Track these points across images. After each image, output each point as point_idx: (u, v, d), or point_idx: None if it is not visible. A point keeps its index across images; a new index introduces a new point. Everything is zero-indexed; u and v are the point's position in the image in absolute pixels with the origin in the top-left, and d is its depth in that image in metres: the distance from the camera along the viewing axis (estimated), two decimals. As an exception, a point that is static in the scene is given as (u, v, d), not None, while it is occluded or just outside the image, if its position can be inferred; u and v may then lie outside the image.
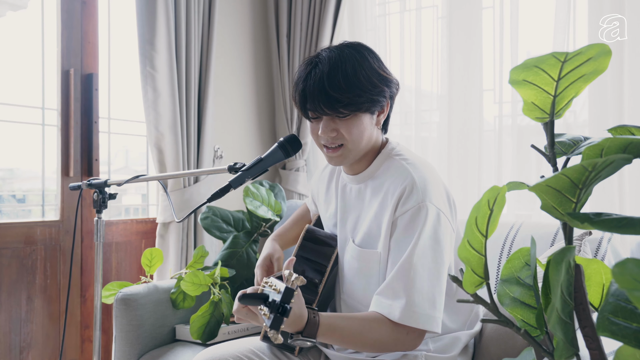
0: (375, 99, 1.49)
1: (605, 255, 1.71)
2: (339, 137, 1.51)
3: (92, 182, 1.94)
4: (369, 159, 1.60)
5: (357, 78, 1.46)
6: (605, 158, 0.64)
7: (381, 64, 1.54)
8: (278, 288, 1.19)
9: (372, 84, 1.47)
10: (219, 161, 2.96)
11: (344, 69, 1.46)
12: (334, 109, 1.46)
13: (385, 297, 1.43)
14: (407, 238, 1.44)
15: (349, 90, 1.45)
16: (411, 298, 1.39)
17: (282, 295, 1.14)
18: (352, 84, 1.45)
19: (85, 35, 2.63)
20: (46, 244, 2.48)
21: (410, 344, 1.44)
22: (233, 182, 1.59)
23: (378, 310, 1.43)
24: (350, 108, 1.46)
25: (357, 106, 1.46)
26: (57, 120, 2.57)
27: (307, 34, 3.15)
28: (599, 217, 0.65)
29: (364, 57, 1.50)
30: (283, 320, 1.12)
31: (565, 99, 0.78)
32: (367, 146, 1.56)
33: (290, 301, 1.13)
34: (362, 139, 1.52)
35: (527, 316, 0.82)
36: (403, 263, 1.42)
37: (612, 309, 0.62)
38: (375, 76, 1.49)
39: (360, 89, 1.45)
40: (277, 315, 1.13)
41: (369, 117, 1.52)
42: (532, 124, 2.60)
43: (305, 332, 1.33)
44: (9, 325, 2.38)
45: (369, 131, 1.53)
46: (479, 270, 0.82)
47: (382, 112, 1.55)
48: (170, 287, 2.33)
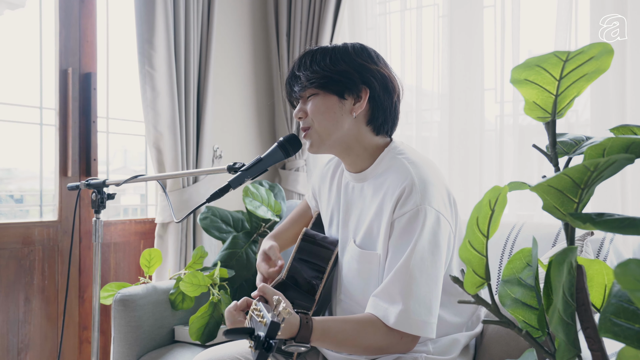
0: (336, 78, 1.51)
1: (608, 255, 1.70)
2: (307, 120, 1.57)
3: (90, 182, 1.93)
4: (368, 158, 1.59)
5: (321, 58, 1.54)
6: (608, 158, 0.64)
7: (365, 55, 1.55)
8: (265, 320, 1.17)
9: (336, 64, 1.52)
10: (218, 161, 2.95)
11: (313, 52, 1.57)
12: (298, 87, 1.56)
13: (382, 300, 1.43)
14: (405, 242, 1.44)
15: (308, 68, 1.54)
16: (407, 304, 1.39)
17: (268, 330, 1.12)
18: (314, 62, 1.54)
19: (83, 34, 2.62)
20: (44, 244, 2.47)
21: (403, 347, 1.44)
22: (232, 182, 1.58)
23: (374, 312, 1.43)
24: (308, 85, 1.53)
25: (316, 82, 1.52)
26: (55, 120, 2.56)
27: (307, 32, 3.14)
28: (601, 218, 0.64)
29: (345, 47, 1.57)
30: (268, 356, 1.11)
31: (567, 98, 0.78)
32: (341, 134, 1.55)
33: (276, 336, 1.12)
34: (327, 122, 1.53)
35: (528, 317, 0.81)
36: (400, 267, 1.41)
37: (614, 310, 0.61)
38: (344, 59, 1.53)
39: (320, 67, 1.53)
40: (262, 351, 1.11)
41: (335, 99, 1.53)
42: (534, 124, 2.59)
43: (298, 337, 1.33)
44: (6, 327, 2.37)
45: (338, 115, 1.53)
46: (480, 270, 0.81)
47: (358, 100, 1.54)
48: (169, 287, 2.32)
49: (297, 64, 1.58)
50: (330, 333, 1.38)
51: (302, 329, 1.33)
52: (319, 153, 1.61)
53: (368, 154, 1.59)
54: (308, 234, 1.66)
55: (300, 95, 1.58)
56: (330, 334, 1.38)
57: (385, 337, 1.41)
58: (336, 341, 1.40)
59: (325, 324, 1.38)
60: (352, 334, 1.40)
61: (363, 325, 1.42)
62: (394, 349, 1.43)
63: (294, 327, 1.33)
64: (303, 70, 1.55)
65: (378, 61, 1.57)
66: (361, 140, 1.57)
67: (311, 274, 1.58)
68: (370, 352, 1.45)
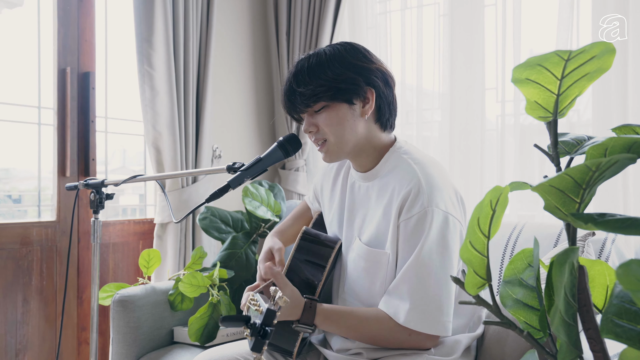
0: (343, 87, 1.50)
1: (609, 256, 1.70)
2: (320, 132, 1.55)
3: (88, 182, 1.93)
4: (376, 157, 1.60)
5: (320, 69, 1.50)
6: (609, 158, 0.64)
7: (360, 56, 1.54)
8: (261, 309, 1.22)
9: (336, 73, 1.50)
10: (217, 161, 2.94)
11: (309, 65, 1.52)
12: (304, 104, 1.52)
13: (393, 298, 1.47)
14: (413, 243, 1.46)
15: (311, 82, 1.50)
16: (416, 303, 1.43)
17: (264, 317, 1.14)
18: (315, 76, 1.50)
19: (82, 33, 2.61)
20: (42, 244, 2.47)
21: (416, 344, 1.48)
22: (232, 182, 1.58)
23: (384, 309, 1.48)
24: (315, 99, 1.50)
25: (323, 96, 1.49)
26: (53, 120, 2.55)
27: (307, 31, 3.13)
28: (603, 218, 0.65)
29: (337, 51, 1.53)
30: (265, 343, 1.12)
31: (568, 97, 0.78)
32: (357, 139, 1.55)
33: (272, 323, 1.13)
34: (344, 131, 1.52)
35: (530, 318, 0.82)
36: (407, 270, 1.45)
37: (616, 311, 0.62)
38: (344, 65, 1.51)
39: (323, 79, 1.49)
40: (258, 338, 1.12)
41: (346, 107, 1.52)
42: (535, 123, 2.58)
43: (302, 319, 1.48)
44: (4, 328, 2.36)
45: (351, 122, 1.53)
46: (481, 271, 0.82)
47: (366, 102, 1.54)
48: (168, 288, 2.32)
49: (294, 79, 1.54)
50: (333, 319, 1.49)
51: (305, 311, 1.47)
52: (336, 161, 1.61)
53: (377, 152, 1.59)
54: (308, 233, 1.66)
55: (302, 109, 1.55)
56: (333, 320, 1.49)
57: (391, 332, 1.46)
58: (340, 328, 1.50)
59: (328, 311, 1.50)
60: (356, 324, 1.49)
61: (368, 319, 1.49)
62: (404, 343, 1.48)
63: (299, 309, 1.47)
64: (304, 85, 1.51)
65: (372, 58, 1.57)
66: (371, 140, 1.58)
67: (311, 273, 1.58)
68: (377, 343, 1.51)
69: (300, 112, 1.56)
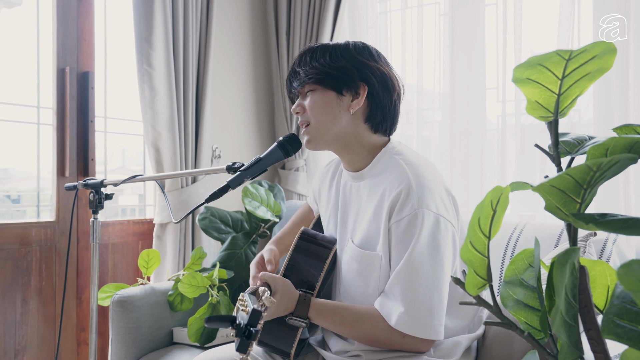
0: (334, 74, 1.52)
1: (610, 256, 1.69)
2: (305, 115, 1.58)
3: (88, 182, 1.93)
4: (367, 157, 1.59)
5: (321, 54, 1.55)
6: (610, 158, 0.64)
7: (365, 53, 1.57)
8: (248, 309, 1.21)
9: (333, 59, 1.54)
10: (217, 161, 2.94)
11: (314, 49, 1.59)
12: (297, 83, 1.58)
13: (388, 299, 1.46)
14: (404, 246, 1.44)
15: (307, 64, 1.56)
16: (407, 306, 1.42)
17: (249, 317, 1.14)
18: (314, 59, 1.56)
19: (81, 32, 2.61)
20: (41, 245, 2.46)
21: (410, 346, 1.47)
22: (231, 182, 1.59)
23: (378, 308, 1.47)
24: (307, 80, 1.55)
25: (314, 79, 1.54)
26: (52, 119, 2.55)
27: (307, 31, 3.13)
28: (604, 218, 0.64)
29: (346, 44, 1.58)
30: (250, 343, 1.12)
31: (569, 97, 0.78)
32: (338, 130, 1.55)
33: (257, 324, 1.12)
34: (325, 117, 1.54)
35: (530, 318, 0.81)
36: (398, 273, 1.44)
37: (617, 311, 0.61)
38: (344, 56, 1.54)
39: (319, 63, 1.54)
40: (243, 339, 1.11)
41: (333, 95, 1.54)
42: (536, 123, 2.58)
43: (296, 312, 1.49)
44: (3, 328, 2.36)
45: (335, 112, 1.54)
46: (482, 272, 0.81)
47: (356, 96, 1.54)
48: (168, 289, 2.31)
49: (298, 60, 1.60)
50: (327, 313, 1.50)
51: (299, 303, 1.49)
52: (316, 149, 1.62)
53: (366, 152, 1.59)
54: (306, 233, 1.66)
55: (299, 91, 1.60)
56: (327, 314, 1.50)
57: (384, 333, 1.46)
58: (334, 323, 1.51)
59: (322, 305, 1.51)
60: (349, 321, 1.50)
61: (363, 316, 1.49)
62: (399, 345, 1.47)
63: (292, 302, 1.49)
64: (302, 66, 1.57)
65: (378, 59, 1.57)
66: (359, 138, 1.57)
67: (308, 272, 1.58)
68: (371, 342, 1.51)
69: (295, 96, 1.62)
